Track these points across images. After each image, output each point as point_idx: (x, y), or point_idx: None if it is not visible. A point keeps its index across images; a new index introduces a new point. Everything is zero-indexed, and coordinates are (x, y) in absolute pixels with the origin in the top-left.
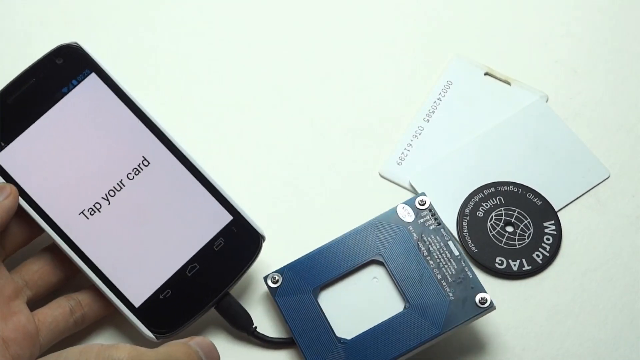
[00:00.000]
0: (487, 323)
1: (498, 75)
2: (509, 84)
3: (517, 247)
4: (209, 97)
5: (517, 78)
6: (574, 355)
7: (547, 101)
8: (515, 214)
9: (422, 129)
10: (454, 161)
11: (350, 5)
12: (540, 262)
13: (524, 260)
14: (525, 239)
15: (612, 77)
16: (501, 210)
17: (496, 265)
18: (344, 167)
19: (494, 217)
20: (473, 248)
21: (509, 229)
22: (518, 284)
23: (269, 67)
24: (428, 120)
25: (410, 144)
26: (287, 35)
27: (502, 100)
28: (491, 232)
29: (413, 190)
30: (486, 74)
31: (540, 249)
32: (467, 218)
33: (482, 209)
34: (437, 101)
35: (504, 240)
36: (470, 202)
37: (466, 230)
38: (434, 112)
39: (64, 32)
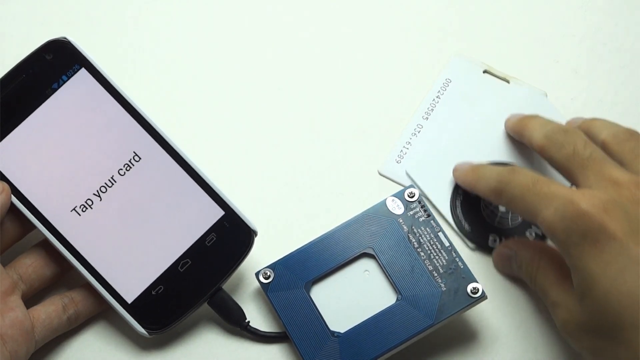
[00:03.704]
0: (485, 317)
1: (497, 73)
2: (507, 81)
3: (510, 227)
4: (202, 91)
5: (517, 77)
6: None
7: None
8: None
9: (421, 127)
10: (450, 149)
11: (349, 3)
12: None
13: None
14: (517, 218)
15: (614, 78)
16: None
17: (489, 244)
18: (343, 165)
19: None
20: (466, 227)
21: (502, 208)
22: None
23: (267, 65)
24: (427, 118)
25: (410, 142)
26: (286, 33)
27: (502, 98)
28: (484, 211)
29: (411, 181)
30: (485, 71)
31: (533, 227)
32: (461, 197)
33: None
34: (436, 99)
35: (497, 219)
36: None
37: (459, 210)
38: (433, 110)
39: (64, 32)
